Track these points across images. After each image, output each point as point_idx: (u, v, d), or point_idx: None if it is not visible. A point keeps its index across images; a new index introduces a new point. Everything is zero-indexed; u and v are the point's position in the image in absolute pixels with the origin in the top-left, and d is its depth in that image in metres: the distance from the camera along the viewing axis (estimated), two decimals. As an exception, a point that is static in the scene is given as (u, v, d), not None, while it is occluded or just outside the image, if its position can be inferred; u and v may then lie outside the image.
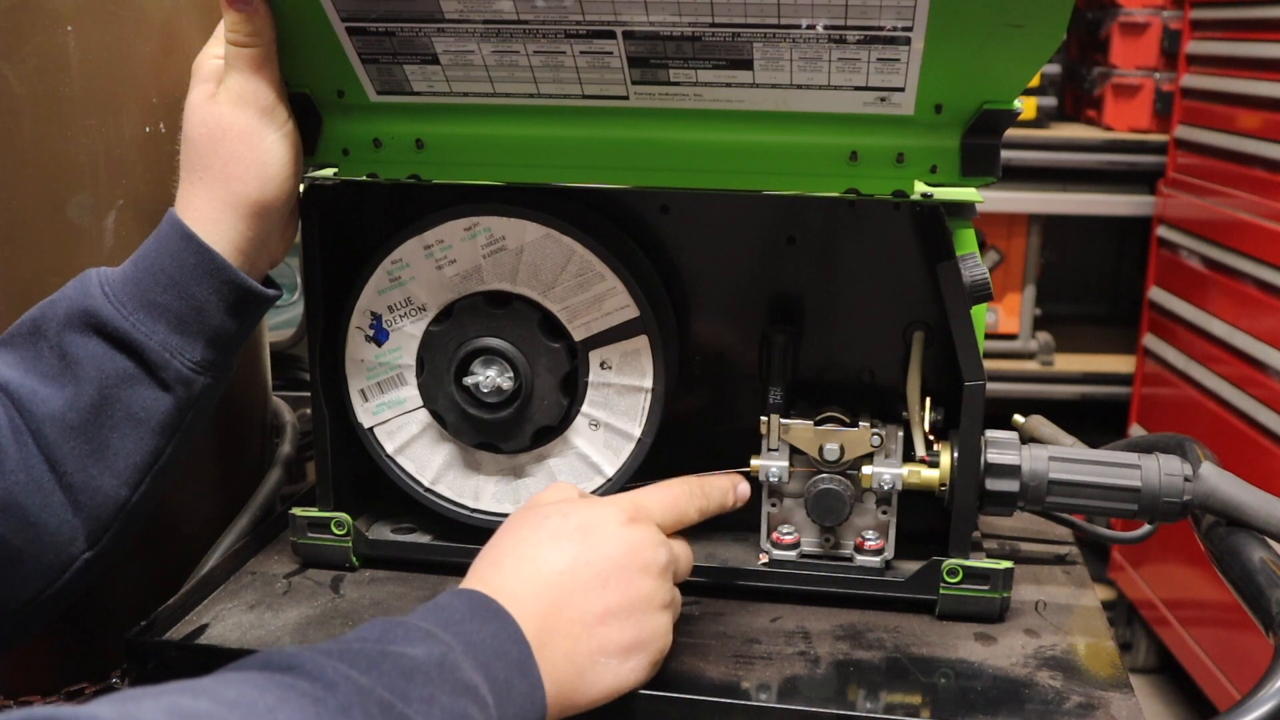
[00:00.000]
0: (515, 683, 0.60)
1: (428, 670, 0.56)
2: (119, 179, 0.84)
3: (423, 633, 0.58)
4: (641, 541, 0.69)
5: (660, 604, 0.69)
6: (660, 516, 0.72)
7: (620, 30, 0.72)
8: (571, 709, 0.64)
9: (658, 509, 0.72)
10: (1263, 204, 2.03)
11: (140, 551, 0.79)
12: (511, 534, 0.69)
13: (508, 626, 0.62)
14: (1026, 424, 0.96)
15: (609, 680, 0.66)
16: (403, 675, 0.55)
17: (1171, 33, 2.43)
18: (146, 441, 0.73)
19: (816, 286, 0.86)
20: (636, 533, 0.69)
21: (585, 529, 0.68)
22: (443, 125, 0.81)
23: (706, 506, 0.76)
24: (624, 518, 0.69)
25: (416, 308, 0.84)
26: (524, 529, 0.68)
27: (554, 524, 0.68)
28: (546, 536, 0.67)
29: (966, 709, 0.70)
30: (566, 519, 0.68)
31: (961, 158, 0.76)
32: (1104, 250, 2.98)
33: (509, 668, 0.60)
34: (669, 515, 0.73)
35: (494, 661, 0.59)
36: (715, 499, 0.77)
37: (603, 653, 0.65)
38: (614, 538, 0.68)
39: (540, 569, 0.66)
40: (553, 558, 0.66)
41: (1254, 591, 0.71)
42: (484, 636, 0.60)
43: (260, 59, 0.75)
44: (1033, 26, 0.68)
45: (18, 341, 0.73)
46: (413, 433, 0.86)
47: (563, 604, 0.65)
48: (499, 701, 0.58)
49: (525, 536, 0.68)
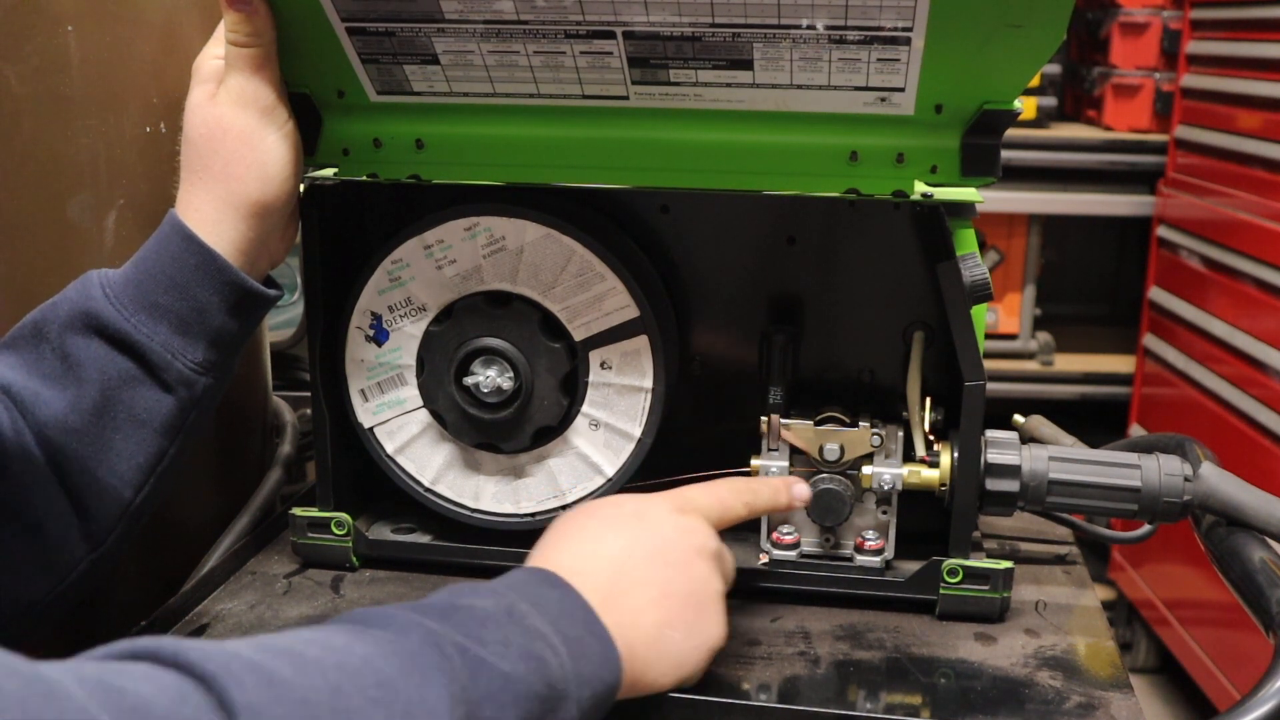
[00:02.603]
0: (587, 641, 0.60)
1: (498, 618, 0.57)
2: (119, 179, 0.84)
3: (489, 590, 0.60)
4: (692, 527, 0.70)
5: (715, 590, 0.69)
6: (706, 511, 0.73)
7: (620, 30, 0.72)
8: (642, 684, 0.65)
9: (703, 503, 0.73)
10: (1263, 204, 2.03)
11: (140, 551, 0.79)
12: (566, 525, 0.70)
13: (570, 594, 0.62)
14: (1026, 424, 0.96)
15: (674, 654, 0.66)
16: (476, 622, 0.56)
17: (1171, 33, 2.43)
18: (149, 443, 0.74)
19: (816, 286, 0.86)
20: (687, 519, 0.71)
21: (639, 515, 0.70)
22: (443, 125, 0.81)
23: (755, 503, 0.76)
24: (673, 507, 0.71)
25: (417, 308, 0.84)
26: (579, 519, 0.70)
27: (608, 512, 0.70)
28: (602, 523, 0.69)
29: (966, 709, 0.70)
30: (620, 507, 0.70)
31: (961, 158, 0.76)
32: (1104, 250, 2.98)
33: (577, 627, 0.61)
34: (714, 509, 0.74)
35: (561, 620, 0.60)
36: (765, 497, 0.77)
37: (668, 625, 0.66)
38: (666, 522, 0.70)
39: (599, 550, 0.67)
40: (610, 540, 0.67)
41: (1254, 591, 0.71)
42: (550, 600, 0.61)
43: (260, 59, 0.75)
44: (1033, 27, 0.68)
45: (19, 344, 0.73)
46: (413, 433, 0.86)
47: (623, 580, 0.65)
48: (572, 654, 0.59)
49: (582, 524, 0.69)
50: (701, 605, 0.68)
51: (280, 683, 0.46)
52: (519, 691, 0.55)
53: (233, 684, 0.44)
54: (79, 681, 0.41)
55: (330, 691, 0.48)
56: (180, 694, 0.43)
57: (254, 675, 0.45)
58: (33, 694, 0.39)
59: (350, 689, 0.49)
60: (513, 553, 0.85)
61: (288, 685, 0.46)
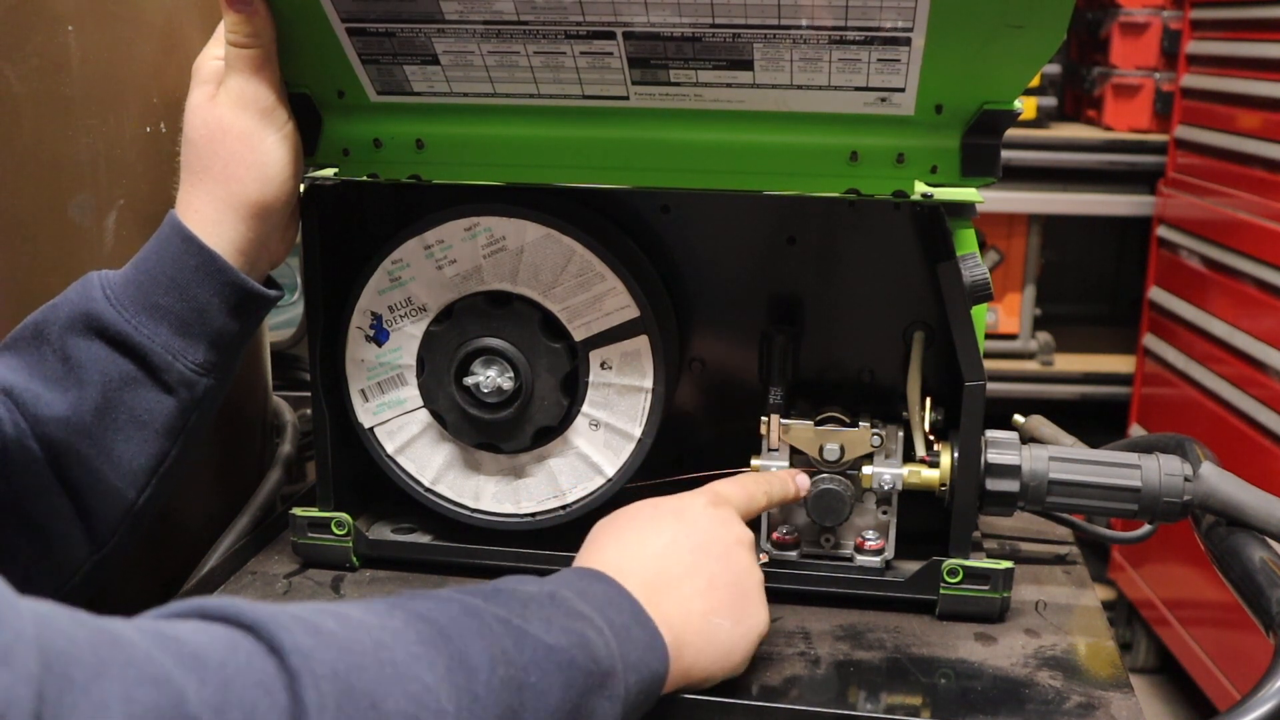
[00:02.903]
0: (633, 629, 0.61)
1: (541, 600, 0.59)
2: (119, 179, 0.84)
3: (533, 580, 0.62)
4: (729, 518, 0.72)
5: (758, 579, 0.71)
6: (737, 502, 0.74)
7: (620, 31, 0.72)
8: (694, 675, 0.66)
9: (734, 496, 0.75)
10: (1263, 204, 2.03)
11: (140, 551, 0.79)
12: (608, 529, 0.71)
13: (616, 587, 0.64)
14: (1026, 424, 0.96)
15: (724, 642, 0.67)
16: (519, 603, 0.58)
17: (1171, 33, 2.43)
18: (151, 444, 0.74)
19: (817, 286, 0.86)
20: (722, 512, 0.72)
21: (678, 512, 0.71)
22: (443, 125, 0.81)
23: (772, 493, 0.78)
24: (708, 501, 0.72)
25: (417, 308, 0.84)
26: (619, 522, 0.71)
27: (648, 513, 0.71)
28: (644, 523, 0.70)
29: (966, 709, 0.70)
30: (658, 507, 0.71)
31: (962, 158, 0.76)
32: (1104, 250, 2.98)
33: (624, 615, 0.62)
34: (744, 501, 0.75)
35: (608, 608, 0.61)
36: (778, 488, 0.79)
37: (715, 613, 0.67)
38: (705, 515, 0.71)
39: (643, 549, 0.68)
40: (653, 538, 0.69)
41: (1254, 591, 0.71)
42: (595, 591, 0.62)
43: (260, 60, 0.75)
44: (1033, 27, 0.68)
45: (20, 345, 0.72)
46: (413, 433, 0.86)
47: (668, 574, 0.67)
48: (619, 638, 0.60)
49: (623, 526, 0.71)
50: (746, 593, 0.69)
51: (326, 632, 0.48)
52: (562, 660, 0.56)
53: (280, 630, 0.46)
54: (139, 632, 0.43)
55: (374, 644, 0.50)
56: (231, 642, 0.45)
57: (301, 625, 0.47)
58: (101, 640, 0.41)
59: (393, 643, 0.51)
60: (513, 552, 0.86)
61: (333, 635, 0.48)
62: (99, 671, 0.40)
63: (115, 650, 0.41)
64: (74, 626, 0.41)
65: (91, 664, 0.40)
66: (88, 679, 0.39)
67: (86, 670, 0.39)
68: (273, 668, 0.45)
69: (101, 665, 0.40)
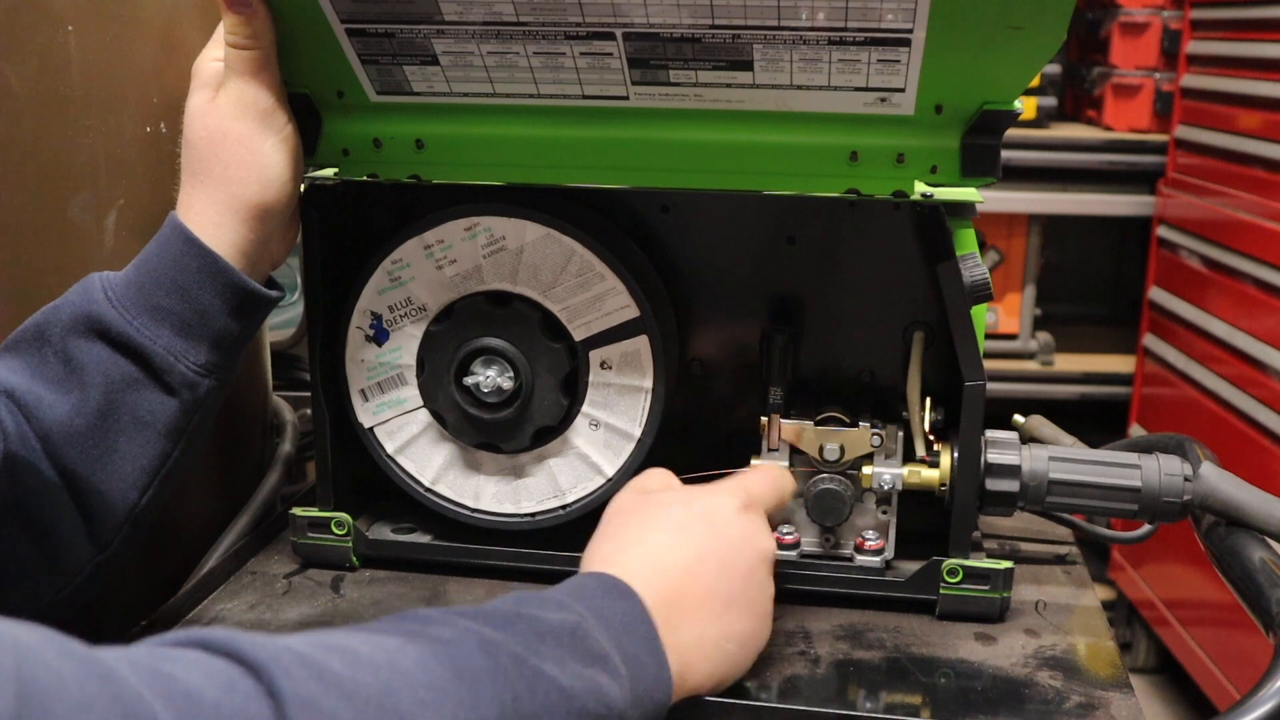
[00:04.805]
0: (644, 661, 0.60)
1: (559, 635, 0.57)
2: (119, 179, 0.84)
3: (556, 602, 0.59)
4: (758, 530, 0.71)
5: (770, 596, 0.70)
6: (765, 502, 0.74)
7: (620, 31, 0.72)
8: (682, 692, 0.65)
9: (765, 495, 0.74)
10: (1263, 204, 2.03)
11: (140, 551, 0.79)
12: (635, 522, 0.69)
13: (636, 606, 0.62)
14: (1026, 424, 0.96)
15: (727, 664, 0.67)
16: (536, 636, 0.56)
17: (1171, 33, 2.43)
18: (153, 445, 0.74)
19: (816, 286, 0.86)
20: (752, 521, 0.71)
21: (707, 518, 0.69)
22: (443, 125, 0.81)
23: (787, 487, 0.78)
24: (739, 504, 0.71)
25: (417, 308, 0.84)
26: (646, 516, 0.69)
27: (676, 512, 0.69)
28: (672, 526, 0.68)
29: (966, 709, 0.70)
30: (689, 508, 0.69)
31: (962, 158, 0.76)
32: (1104, 250, 2.98)
33: (638, 644, 0.61)
34: (772, 500, 0.74)
35: (625, 638, 0.60)
36: (786, 482, 0.79)
37: (726, 639, 0.66)
38: (733, 525, 0.69)
39: (667, 558, 0.66)
40: (679, 547, 0.67)
41: (1254, 591, 0.71)
42: (615, 613, 0.61)
43: (260, 62, 0.75)
44: (1033, 28, 0.68)
45: (22, 347, 0.72)
46: (413, 433, 0.86)
47: (689, 591, 0.65)
48: (632, 675, 0.59)
49: (650, 525, 0.69)
50: (758, 616, 0.69)
51: (330, 676, 0.47)
52: (573, 708, 0.54)
53: (281, 674, 0.45)
54: (131, 666, 0.42)
55: (380, 690, 0.48)
56: (229, 681, 0.44)
57: (304, 668, 0.46)
58: (90, 676, 0.40)
59: (401, 688, 0.49)
60: (512, 552, 0.86)
61: (338, 679, 0.47)
62: (83, 708, 0.38)
63: (103, 686, 0.40)
64: (60, 659, 0.39)
65: (76, 700, 0.38)
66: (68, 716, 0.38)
67: (69, 707, 0.38)
68: (269, 713, 0.44)
69: (86, 702, 0.39)
